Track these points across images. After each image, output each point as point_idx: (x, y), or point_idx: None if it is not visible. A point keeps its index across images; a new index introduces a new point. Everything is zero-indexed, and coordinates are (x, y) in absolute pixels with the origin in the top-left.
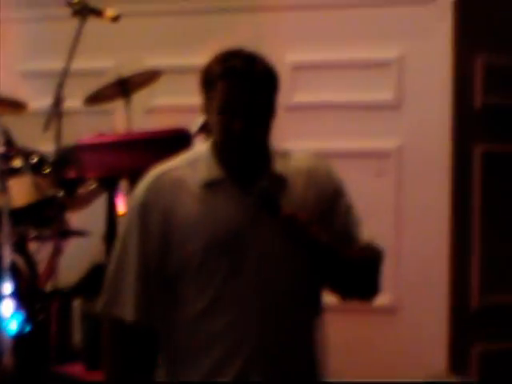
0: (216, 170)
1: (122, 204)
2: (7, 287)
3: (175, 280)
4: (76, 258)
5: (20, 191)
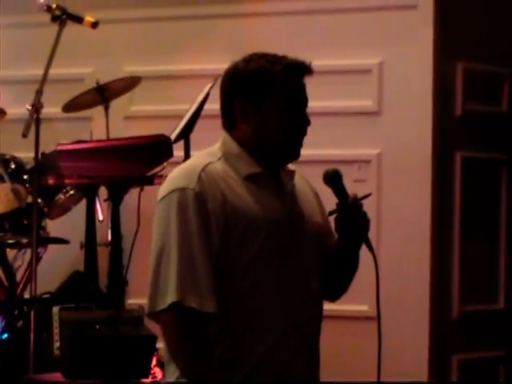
0: (254, 164)
1: (100, 211)
2: None
3: (230, 268)
4: (55, 265)
5: None
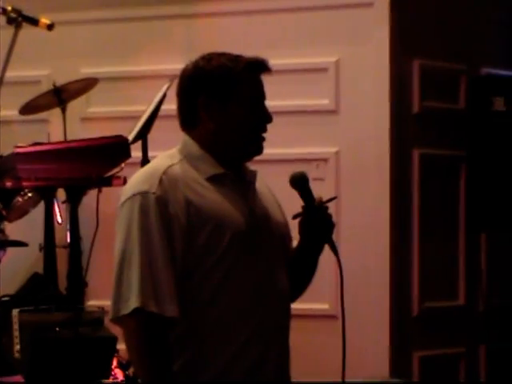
0: (216, 165)
1: (59, 213)
2: None
3: (194, 270)
4: (14, 267)
5: None
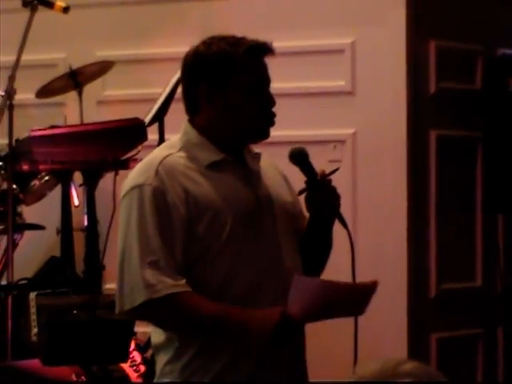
0: (216, 151)
1: (76, 196)
2: None
3: (199, 259)
4: (31, 251)
5: None
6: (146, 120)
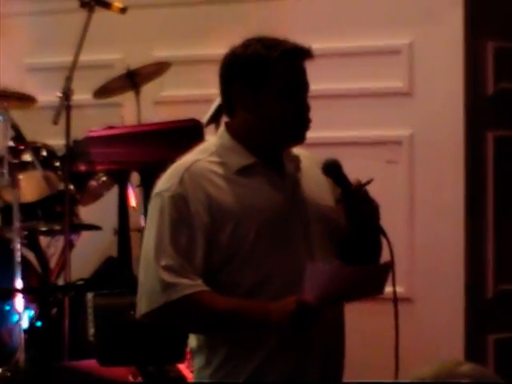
0: (247, 156)
1: (133, 196)
2: (19, 282)
3: (227, 263)
4: (88, 251)
5: (30, 186)
6: (204, 120)
